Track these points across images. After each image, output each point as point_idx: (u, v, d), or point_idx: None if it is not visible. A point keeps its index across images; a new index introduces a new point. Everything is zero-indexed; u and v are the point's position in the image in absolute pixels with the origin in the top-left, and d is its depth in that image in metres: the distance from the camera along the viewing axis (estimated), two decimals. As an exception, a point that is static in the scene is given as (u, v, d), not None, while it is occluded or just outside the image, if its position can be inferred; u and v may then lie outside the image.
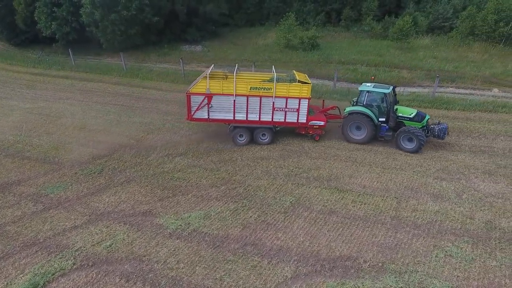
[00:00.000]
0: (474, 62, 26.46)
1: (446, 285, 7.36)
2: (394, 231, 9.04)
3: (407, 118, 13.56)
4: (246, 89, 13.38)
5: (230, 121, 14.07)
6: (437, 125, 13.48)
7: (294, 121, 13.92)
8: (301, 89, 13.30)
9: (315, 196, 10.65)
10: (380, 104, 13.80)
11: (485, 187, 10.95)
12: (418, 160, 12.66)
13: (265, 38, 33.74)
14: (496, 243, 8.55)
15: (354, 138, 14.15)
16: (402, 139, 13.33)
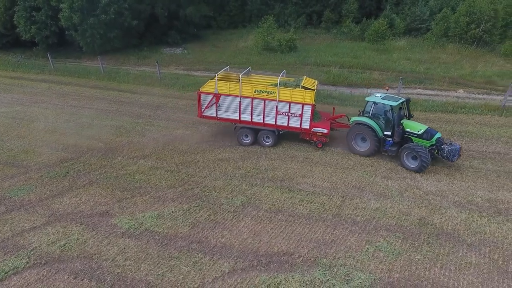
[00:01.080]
0: (446, 64, 27.24)
1: (369, 277, 7.95)
2: (333, 228, 9.62)
3: (415, 135, 12.62)
4: (251, 92, 13.78)
5: (236, 121, 14.56)
6: (448, 146, 12.29)
7: (297, 126, 13.94)
8: (305, 95, 13.34)
9: (266, 195, 11.20)
10: (386, 117, 13.04)
11: (428, 185, 11.59)
12: (371, 160, 13.27)
13: (246, 40, 34.24)
14: (425, 238, 9.17)
15: (357, 150, 13.66)
16: (406, 156, 12.51)
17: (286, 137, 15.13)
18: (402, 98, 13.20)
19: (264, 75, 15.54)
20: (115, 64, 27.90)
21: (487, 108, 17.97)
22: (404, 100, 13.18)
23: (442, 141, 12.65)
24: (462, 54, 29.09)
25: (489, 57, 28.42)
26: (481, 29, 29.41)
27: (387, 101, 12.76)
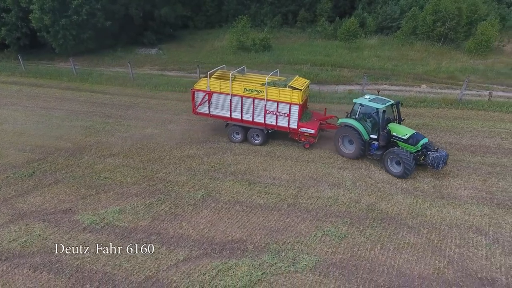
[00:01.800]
0: (413, 60, 28.29)
1: (314, 259, 8.52)
2: (286, 216, 10.18)
3: (401, 139, 12.25)
4: (241, 90, 13.94)
5: (228, 118, 14.79)
6: (433, 152, 11.85)
7: (285, 125, 13.96)
8: (292, 94, 13.32)
9: (226, 188, 11.67)
10: (373, 119, 12.82)
11: (380, 174, 12.30)
12: (330, 153, 13.90)
13: (222, 40, 34.61)
14: (370, 222, 9.83)
15: (343, 152, 13.51)
16: (390, 161, 12.22)
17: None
18: (392, 100, 12.85)
19: (258, 74, 15.68)
20: (89, 65, 27.80)
21: (445, 102, 18.93)
22: (394, 102, 12.80)
23: (430, 147, 12.23)
24: (429, 51, 30.24)
25: (454, 54, 29.66)
26: (446, 27, 30.64)
27: (373, 104, 12.38)
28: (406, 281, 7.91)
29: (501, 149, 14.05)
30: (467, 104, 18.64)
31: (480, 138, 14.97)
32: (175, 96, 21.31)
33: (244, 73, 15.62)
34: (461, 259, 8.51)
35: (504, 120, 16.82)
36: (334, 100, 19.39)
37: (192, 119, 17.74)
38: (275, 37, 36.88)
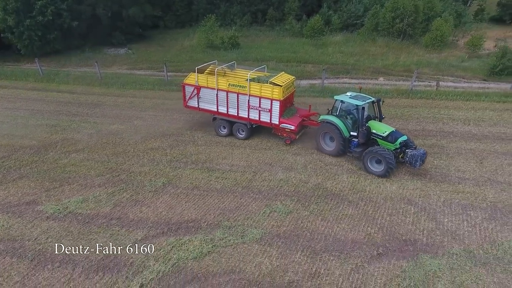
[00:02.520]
0: (374, 55, 29.82)
1: (261, 232, 9.41)
2: (240, 197, 11.03)
3: (380, 137, 12.27)
4: (226, 85, 14.30)
5: (215, 112, 15.20)
6: (411, 150, 11.81)
7: (268, 121, 14.19)
8: (273, 90, 13.48)
9: (186, 176, 12.40)
10: (354, 116, 12.80)
11: (330, 158, 13.35)
12: (281, 139, 14.83)
13: (192, 39, 35.13)
14: (315, 199, 10.83)
15: (325, 149, 13.56)
16: (370, 161, 12.08)
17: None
18: (372, 98, 12.77)
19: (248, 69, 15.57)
20: (56, 66, 27.72)
21: (397, 92, 20.35)
22: (374, 100, 12.72)
23: (409, 144, 12.13)
24: (389, 47, 31.92)
25: (412, 49, 31.46)
26: (405, 24, 32.45)
27: (353, 100, 12.31)
28: (340, 245, 8.92)
29: (441, 132, 15.45)
30: (417, 93, 20.13)
31: (424, 124, 16.36)
32: (143, 93, 21.76)
33: (234, 69, 16.01)
34: (391, 226, 9.63)
35: (448, 107, 18.36)
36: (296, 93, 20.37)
37: (158, 115, 18.33)
38: (245, 35, 37.77)
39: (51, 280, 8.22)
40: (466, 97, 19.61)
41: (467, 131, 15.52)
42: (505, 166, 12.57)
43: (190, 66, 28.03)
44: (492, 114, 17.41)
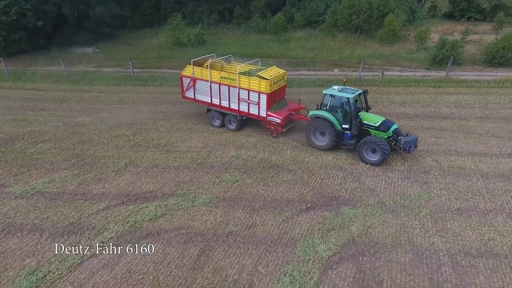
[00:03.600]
0: (333, 49, 31.86)
1: (209, 197, 10.84)
2: (194, 172, 12.40)
3: (373, 127, 12.58)
4: (218, 78, 14.83)
5: (209, 104, 15.80)
6: (404, 137, 12.35)
7: (256, 113, 14.56)
8: (260, 83, 13.80)
9: (147, 157, 13.62)
10: (344, 109, 12.99)
11: (278, 138, 14.93)
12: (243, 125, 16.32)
13: (159, 38, 36.00)
14: (260, 170, 12.37)
15: (316, 144, 13.66)
16: (365, 150, 12.38)
17: (178, 114, 17.68)
18: (359, 90, 13.07)
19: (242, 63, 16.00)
20: (22, 66, 27.97)
21: (347, 81, 22.23)
22: (361, 91, 13.01)
23: (399, 132, 12.76)
24: (347, 41, 34.09)
25: (367, 43, 33.74)
26: (360, 20, 34.73)
27: (344, 94, 12.57)
28: (276, 203, 10.48)
29: (380, 113, 17.28)
30: (364, 81, 22.15)
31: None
32: (109, 89, 22.65)
33: (230, 62, 16.70)
34: (321, 187, 11.29)
35: (389, 92, 20.44)
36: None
37: (124, 108, 19.35)
38: (212, 33, 39.01)
39: (20, 245, 9.29)
40: (406, 83, 21.81)
41: (402, 111, 17.56)
42: (427, 138, 14.56)
43: (157, 63, 29.18)
44: (427, 97, 19.60)
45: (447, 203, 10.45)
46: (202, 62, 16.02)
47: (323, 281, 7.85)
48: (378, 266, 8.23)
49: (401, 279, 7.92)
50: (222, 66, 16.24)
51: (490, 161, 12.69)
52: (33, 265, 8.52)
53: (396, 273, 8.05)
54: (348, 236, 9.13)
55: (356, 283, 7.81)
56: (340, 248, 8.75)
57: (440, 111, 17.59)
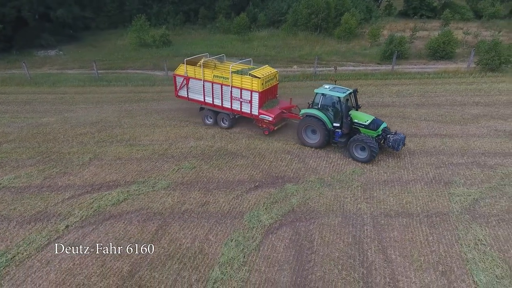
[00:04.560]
0: (293, 47, 33.56)
1: (168, 182, 11.92)
2: (155, 162, 13.41)
3: (362, 125, 12.97)
4: (211, 77, 15.15)
5: (202, 102, 16.11)
6: (392, 135, 12.79)
7: (248, 112, 14.86)
8: (252, 82, 14.12)
9: (111, 151, 14.47)
10: (335, 108, 13.33)
11: (235, 129, 16.19)
12: (197, 117, 17.39)
13: (124, 39, 36.33)
14: (216, 157, 13.58)
15: (308, 142, 13.97)
16: (355, 148, 12.83)
17: (142, 112, 18.51)
18: (349, 89, 13.45)
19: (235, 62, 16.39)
20: (-18, 70, 27.61)
21: (303, 76, 23.95)
22: (352, 90, 13.36)
23: (388, 130, 13.20)
24: (307, 39, 35.94)
25: (326, 40, 35.74)
26: (319, 19, 36.68)
27: (335, 93, 12.91)
28: (228, 184, 11.74)
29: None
30: (319, 76, 23.87)
31: None
32: (74, 90, 23.05)
33: (223, 61, 17.05)
34: (270, 168, 12.67)
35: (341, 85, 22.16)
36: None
37: (88, 107, 19.93)
38: (178, 33, 39.78)
39: (-11, 233, 9.98)
40: (357, 77, 23.75)
41: (349, 102, 19.31)
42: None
43: (122, 64, 29.67)
44: (373, 88, 21.56)
45: (376, 176, 12.13)
46: (195, 61, 16.27)
47: (264, 243, 9.18)
48: (311, 229, 9.68)
49: (330, 237, 9.40)
50: (215, 65, 16.49)
51: (418, 141, 14.58)
52: (2, 249, 9.28)
53: (325, 233, 9.52)
54: (289, 207, 10.54)
55: (291, 243, 9.20)
56: (281, 217, 10.14)
57: (383, 100, 19.53)
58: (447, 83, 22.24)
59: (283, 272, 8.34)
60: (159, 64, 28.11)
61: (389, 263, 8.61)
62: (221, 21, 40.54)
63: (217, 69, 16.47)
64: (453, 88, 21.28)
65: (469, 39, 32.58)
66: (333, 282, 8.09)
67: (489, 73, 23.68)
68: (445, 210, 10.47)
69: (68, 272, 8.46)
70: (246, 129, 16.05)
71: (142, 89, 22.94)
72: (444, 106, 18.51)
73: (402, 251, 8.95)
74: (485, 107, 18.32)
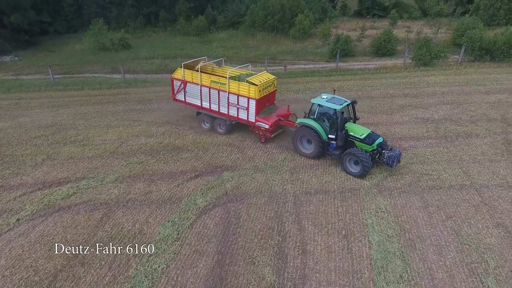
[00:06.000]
0: (251, 48, 35.10)
1: (116, 176, 13.01)
2: (106, 159, 14.42)
3: (358, 139, 12.72)
4: (208, 82, 15.08)
5: (199, 107, 16.14)
6: (388, 151, 12.51)
7: (245, 118, 14.79)
8: (249, 89, 14.02)
9: (64, 152, 15.29)
10: (331, 119, 13.13)
11: (182, 126, 17.42)
12: (155, 118, 18.51)
13: (83, 43, 36.45)
14: (163, 152, 14.80)
15: (302, 152, 13.91)
16: (348, 162, 12.65)
17: (97, 114, 19.31)
18: (348, 100, 13.09)
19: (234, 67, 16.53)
20: None
21: (255, 75, 25.44)
22: (350, 102, 13.03)
23: (384, 145, 12.88)
24: (264, 40, 37.60)
25: (282, 40, 37.55)
26: (275, 20, 38.44)
27: (331, 104, 12.67)
28: (172, 175, 13.02)
29: (277, 100, 20.67)
30: (269, 75, 25.43)
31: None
32: (29, 95, 23.37)
33: (222, 65, 17.04)
34: (211, 160, 14.06)
35: (289, 83, 23.94)
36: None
37: (44, 112, 20.44)
38: (138, 36, 40.30)
39: None
40: (304, 74, 25.60)
41: (294, 97, 21.05)
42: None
43: (79, 68, 30.01)
44: (318, 85, 23.45)
45: (304, 162, 13.81)
46: (193, 65, 16.32)
47: (197, 222, 10.56)
48: (240, 208, 11.16)
49: (255, 214, 10.91)
50: (212, 69, 16.63)
51: (347, 130, 16.44)
52: (-46, 243, 10.08)
53: (252, 211, 11.03)
54: (223, 191, 11.98)
55: (221, 220, 10.64)
56: (215, 199, 11.55)
57: (325, 95, 21.38)
58: (384, 78, 24.54)
59: (210, 244, 9.75)
60: (117, 67, 28.73)
61: (301, 231, 10.23)
62: (181, 24, 41.41)
63: (214, 73, 16.37)
64: (388, 82, 23.57)
65: (411, 36, 35.44)
66: (252, 249, 9.59)
67: (422, 67, 26.26)
68: (357, 186, 12.28)
69: (17, 257, 9.44)
70: (195, 125, 17.31)
71: (99, 92, 23.61)
72: (376, 98, 20.64)
73: (314, 221, 10.61)
74: (412, 98, 20.62)
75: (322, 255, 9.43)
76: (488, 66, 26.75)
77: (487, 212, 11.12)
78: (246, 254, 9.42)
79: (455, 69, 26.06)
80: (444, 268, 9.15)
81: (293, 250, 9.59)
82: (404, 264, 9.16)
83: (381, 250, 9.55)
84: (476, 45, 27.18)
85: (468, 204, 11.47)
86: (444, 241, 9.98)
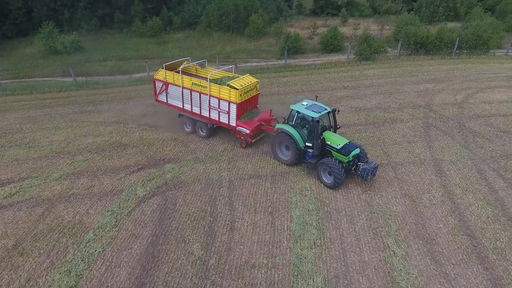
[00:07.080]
0: (207, 47, 35.87)
1: (60, 173, 13.50)
2: (51, 159, 14.81)
3: (334, 149, 12.45)
4: (189, 84, 14.78)
5: (181, 109, 15.79)
6: (363, 164, 12.24)
7: (226, 122, 14.55)
8: (230, 93, 13.73)
9: (8, 155, 15.40)
10: (310, 127, 12.86)
11: (131, 125, 18.04)
12: (102, 118, 18.97)
13: (33, 47, 35.62)
14: (109, 149, 15.40)
15: (280, 158, 13.74)
16: (322, 171, 12.42)
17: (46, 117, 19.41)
18: (328, 108, 12.89)
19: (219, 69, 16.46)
20: None
21: (207, 74, 26.33)
22: (330, 110, 12.84)
23: (362, 157, 12.50)
24: (221, 39, 38.49)
25: (238, 40, 38.62)
26: (230, 20, 39.43)
27: (309, 112, 12.43)
28: (115, 170, 13.71)
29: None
30: (221, 73, 26.44)
31: None
32: (-26, 101, 22.86)
33: (205, 67, 16.81)
34: (154, 154, 14.87)
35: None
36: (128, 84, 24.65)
37: (-11, 117, 20.21)
38: (93, 39, 39.84)
39: None
40: (255, 72, 26.76)
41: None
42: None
43: (29, 72, 29.51)
44: (266, 81, 24.71)
45: (242, 151, 14.96)
46: (175, 66, 15.93)
47: (135, 210, 11.38)
48: (177, 195, 12.10)
49: (191, 199, 11.90)
50: (196, 70, 16.41)
51: (286, 121, 17.75)
52: None
53: (188, 197, 12.01)
54: (163, 181, 12.86)
55: (158, 207, 11.53)
56: (154, 189, 12.41)
57: (271, 90, 22.73)
58: (328, 73, 26.27)
59: (146, 228, 10.62)
60: (68, 70, 28.56)
61: (232, 212, 11.34)
62: (137, 25, 41.40)
63: (197, 74, 16.23)
64: (331, 76, 25.31)
65: (358, 33, 37.69)
66: (184, 229, 10.58)
67: (363, 62, 28.31)
68: (288, 170, 13.57)
69: (-44, 254, 9.83)
70: (142, 123, 17.97)
71: (49, 95, 23.55)
72: (318, 91, 22.16)
73: (244, 202, 11.76)
74: (350, 90, 22.39)
75: (248, 231, 10.58)
76: (422, 59, 29.32)
77: (398, 185, 12.78)
78: (179, 234, 10.38)
79: (393, 62, 28.34)
80: (353, 233, 10.59)
81: (222, 228, 10.66)
82: (319, 232, 10.50)
83: (300, 222, 10.84)
84: (411, 40, 29.66)
85: (383, 179, 13.08)
86: (357, 211, 11.46)
